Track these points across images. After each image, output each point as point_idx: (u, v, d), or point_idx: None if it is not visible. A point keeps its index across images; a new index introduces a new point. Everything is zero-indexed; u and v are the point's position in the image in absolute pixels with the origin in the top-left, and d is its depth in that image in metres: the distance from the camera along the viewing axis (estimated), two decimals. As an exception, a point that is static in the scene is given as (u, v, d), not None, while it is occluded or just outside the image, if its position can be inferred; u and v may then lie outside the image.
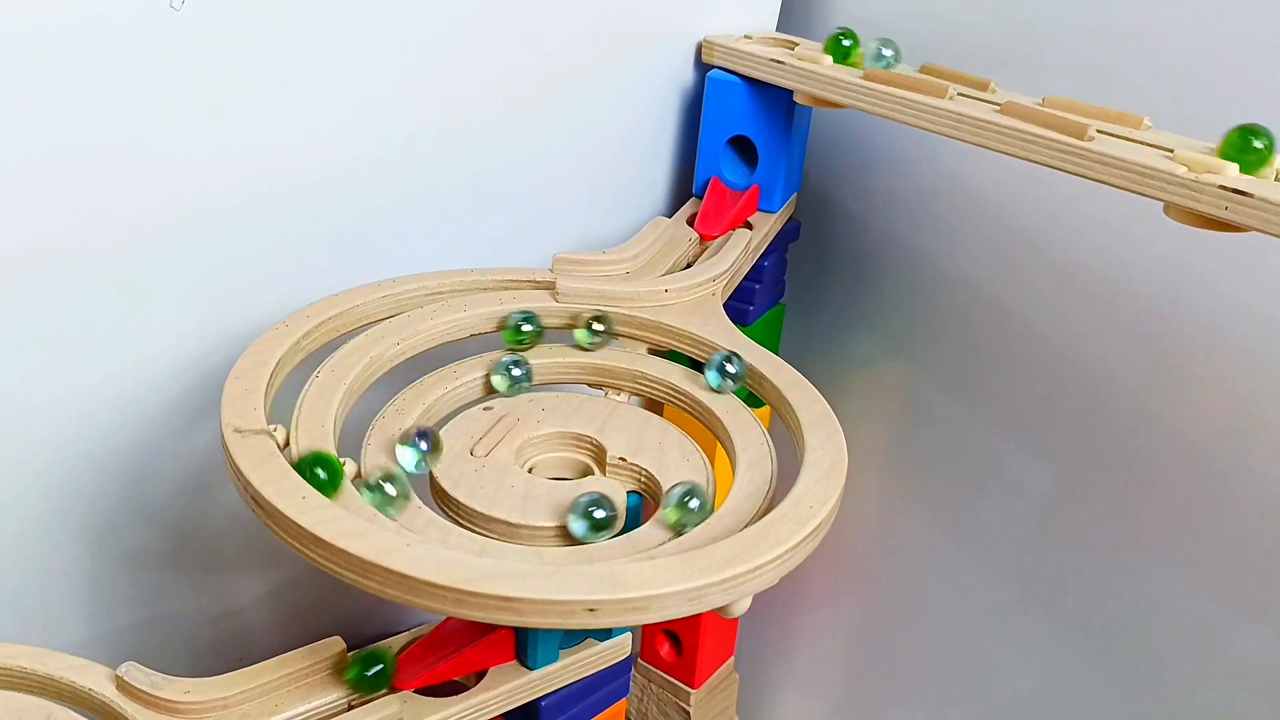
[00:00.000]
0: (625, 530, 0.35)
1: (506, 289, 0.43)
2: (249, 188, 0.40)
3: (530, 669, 0.37)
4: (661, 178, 0.55)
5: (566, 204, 0.51)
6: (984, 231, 0.52)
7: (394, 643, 0.38)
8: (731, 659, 0.64)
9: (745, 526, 0.32)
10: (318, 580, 0.53)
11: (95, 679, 0.35)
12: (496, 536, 0.34)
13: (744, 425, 0.38)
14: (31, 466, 0.40)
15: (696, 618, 0.58)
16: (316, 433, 0.35)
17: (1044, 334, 0.50)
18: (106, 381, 0.41)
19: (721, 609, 0.30)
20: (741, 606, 0.31)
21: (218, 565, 0.49)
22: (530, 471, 0.37)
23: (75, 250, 0.37)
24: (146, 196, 0.38)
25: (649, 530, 0.34)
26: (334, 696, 0.36)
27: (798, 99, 0.47)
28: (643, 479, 0.37)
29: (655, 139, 0.53)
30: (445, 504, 0.35)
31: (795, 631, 0.67)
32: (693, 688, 0.61)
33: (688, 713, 0.61)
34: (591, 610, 0.28)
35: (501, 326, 0.42)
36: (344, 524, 0.29)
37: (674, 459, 0.37)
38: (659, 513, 0.33)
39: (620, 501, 0.34)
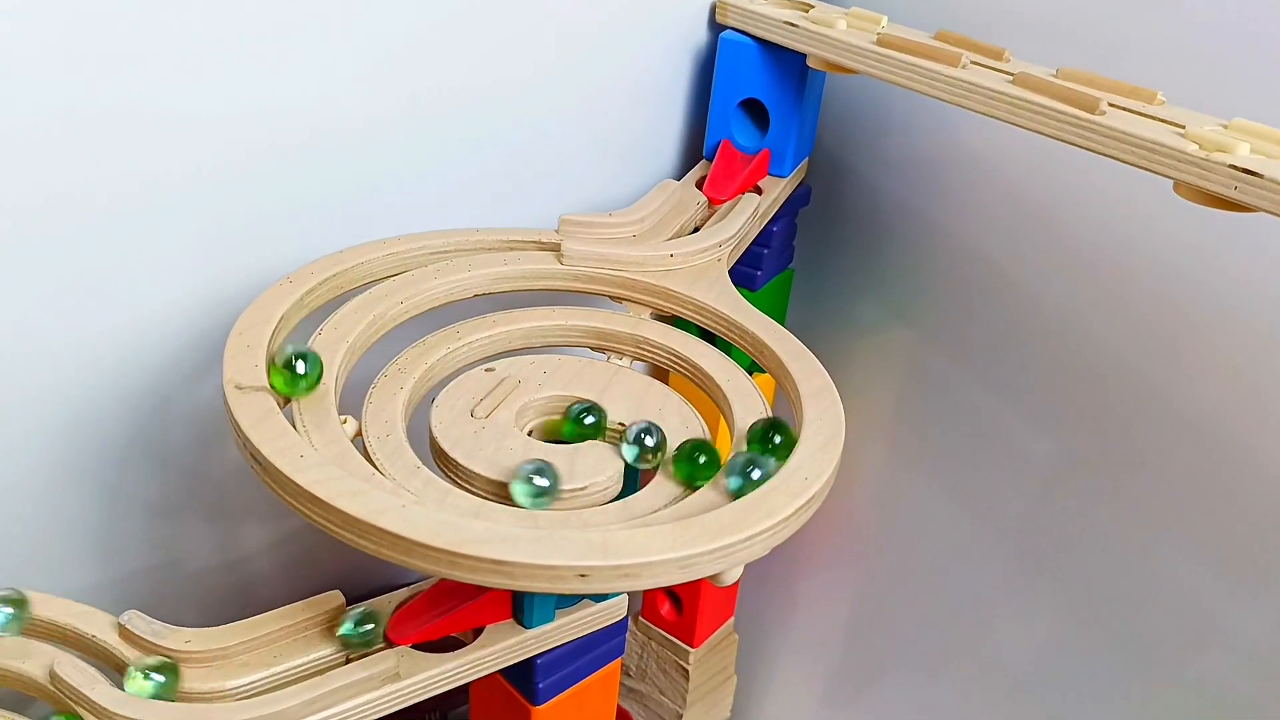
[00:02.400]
0: (622, 495, 0.35)
1: (511, 249, 0.43)
2: (255, 145, 0.40)
3: (526, 628, 0.38)
4: (671, 139, 0.54)
5: (573, 165, 0.51)
6: (994, 202, 0.51)
7: (392, 598, 0.38)
8: (731, 620, 0.64)
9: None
10: (321, 533, 0.53)
11: (98, 626, 0.36)
12: (494, 498, 0.34)
13: (744, 394, 0.38)
14: (41, 413, 0.41)
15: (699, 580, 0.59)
16: (317, 390, 0.35)
17: (1051, 307, 0.50)
18: (115, 332, 0.41)
19: (713, 577, 0.30)
20: (732, 575, 0.31)
21: (224, 515, 0.49)
22: (530, 434, 0.37)
23: (85, 203, 0.38)
24: (154, 152, 0.38)
25: (645, 496, 0.34)
26: (332, 649, 0.36)
27: (811, 63, 0.47)
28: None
29: (666, 100, 0.53)
30: (445, 465, 0.35)
31: (796, 595, 0.67)
32: (692, 647, 0.62)
33: (687, 671, 0.62)
34: (583, 576, 0.28)
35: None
36: (340, 483, 0.30)
37: (674, 425, 0.37)
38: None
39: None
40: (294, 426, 0.33)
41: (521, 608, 0.38)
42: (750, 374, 0.39)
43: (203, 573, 0.50)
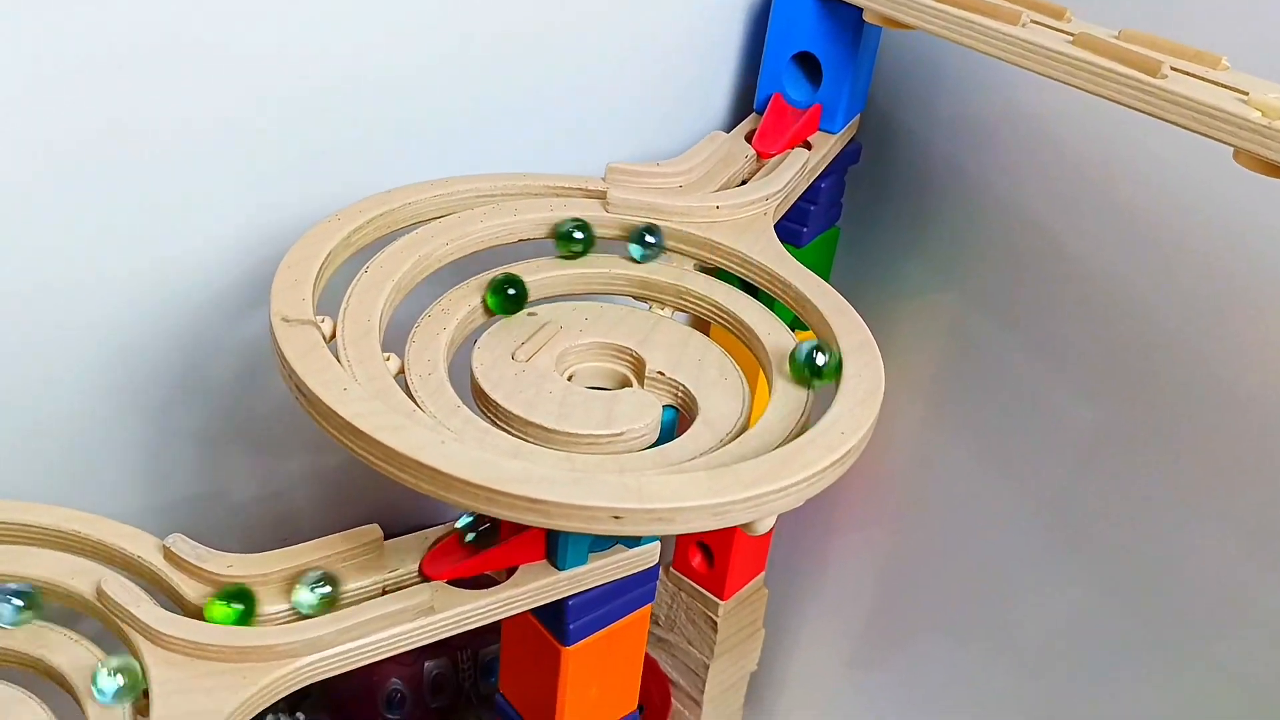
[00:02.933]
0: (658, 444, 0.35)
1: (557, 195, 0.43)
2: (308, 84, 0.40)
3: (559, 569, 0.38)
4: (721, 91, 0.54)
5: (622, 114, 0.50)
6: (1048, 165, 0.50)
7: (428, 535, 0.39)
8: (762, 574, 0.65)
9: (776, 448, 0.33)
10: (361, 468, 0.54)
11: (144, 547, 0.37)
12: (532, 440, 0.34)
13: (786, 349, 0.38)
14: (93, 342, 0.42)
15: (729, 532, 0.59)
16: (363, 327, 0.36)
17: (1099, 274, 0.49)
18: (165, 264, 0.42)
19: (745, 526, 0.31)
20: (765, 525, 0.31)
21: (266, 449, 0.50)
22: (569, 379, 0.38)
23: (140, 136, 0.38)
24: (208, 89, 0.38)
25: (682, 444, 0.34)
26: (369, 581, 0.37)
27: (867, 17, 0.46)
28: (679, 394, 0.37)
29: (717, 51, 0.52)
30: (485, 406, 0.36)
31: (827, 553, 0.67)
32: (722, 599, 0.62)
33: (715, 623, 0.63)
34: (617, 518, 0.29)
35: (553, 234, 0.42)
36: (382, 418, 0.30)
37: (712, 376, 0.37)
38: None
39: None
40: (338, 361, 0.33)
41: (555, 549, 0.38)
42: (792, 330, 0.39)
43: (244, 504, 0.51)
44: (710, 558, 0.61)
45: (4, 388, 0.40)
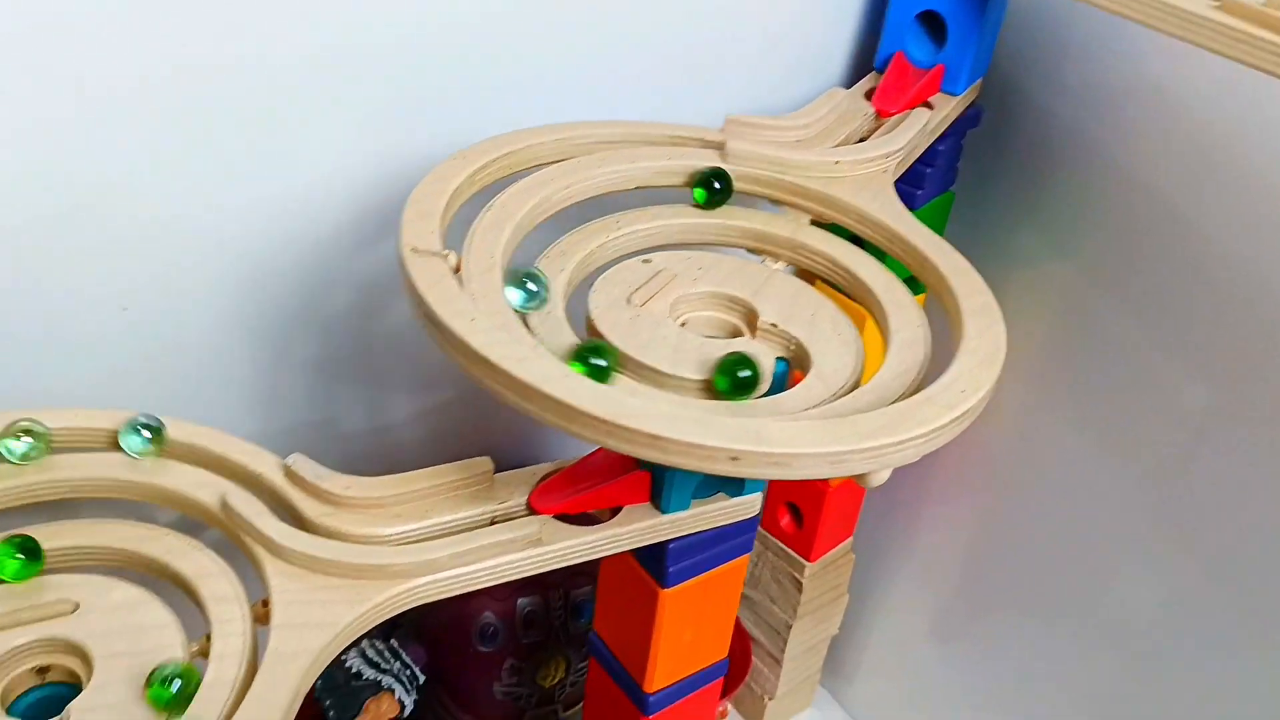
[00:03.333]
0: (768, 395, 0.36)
1: (674, 144, 0.43)
2: (434, 21, 0.41)
3: (662, 512, 0.39)
4: (840, 48, 0.53)
5: (739, 67, 0.50)
6: (1176, 138, 0.49)
7: (536, 470, 0.40)
8: (850, 539, 0.65)
9: (892, 404, 0.32)
10: (467, 407, 0.56)
11: (266, 465, 0.38)
12: (645, 383, 0.35)
13: (902, 306, 0.38)
14: (218, 269, 0.43)
15: (821, 493, 0.59)
16: (485, 263, 0.36)
17: (1222, 252, 0.48)
18: (289, 196, 0.43)
19: (860, 478, 0.31)
20: (880, 478, 0.31)
21: (376, 382, 0.52)
22: (682, 327, 0.38)
23: (268, 67, 0.39)
24: (335, 21, 0.39)
25: (794, 395, 0.34)
26: (479, 511, 0.38)
27: (999, -24, 0.45)
28: (791, 347, 0.37)
29: (839, 7, 0.52)
30: (599, 346, 0.36)
31: (918, 523, 0.67)
32: (808, 561, 0.62)
33: (800, 584, 0.63)
34: (734, 459, 0.29)
35: (691, 182, 0.42)
36: (511, 348, 0.31)
37: (825, 331, 0.37)
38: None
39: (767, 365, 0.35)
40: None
41: (660, 492, 0.39)
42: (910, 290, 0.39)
43: (353, 434, 0.53)
44: (799, 519, 0.62)
45: (146, 309, 0.42)
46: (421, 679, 0.55)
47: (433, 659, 0.56)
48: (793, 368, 0.37)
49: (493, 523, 0.38)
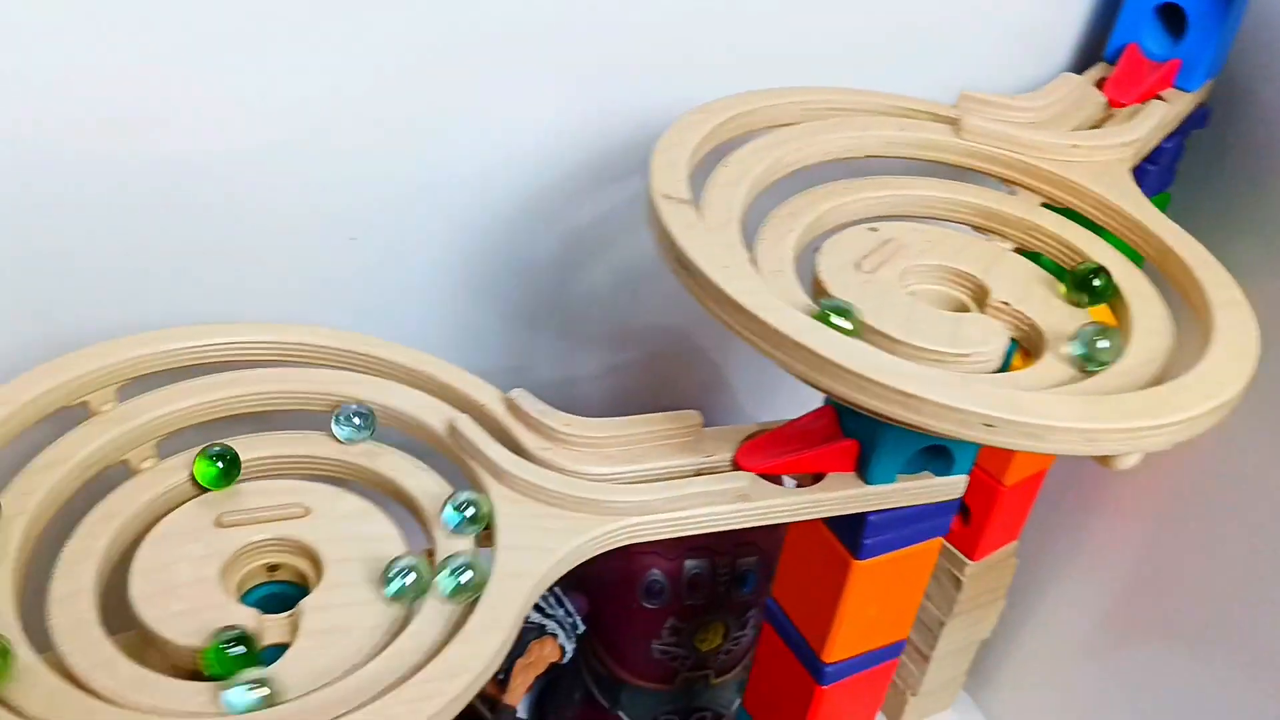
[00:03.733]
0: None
1: (906, 116, 0.43)
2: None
3: (866, 483, 0.39)
4: (1070, 35, 0.52)
5: (969, 45, 0.49)
6: None
7: (740, 430, 0.40)
8: (1014, 543, 0.63)
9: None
10: (648, 370, 0.56)
11: (489, 396, 0.39)
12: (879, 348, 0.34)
13: (1144, 296, 0.37)
14: (437, 213, 0.45)
15: (993, 491, 0.58)
16: (722, 216, 0.37)
17: None
18: (507, 149, 0.44)
19: (1108, 459, 0.30)
20: (1129, 461, 0.30)
21: (569, 334, 0.53)
22: (912, 295, 0.38)
23: (484, 34, 0.40)
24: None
25: (1034, 373, 0.34)
26: (686, 461, 0.39)
27: (1256, -32, 0.43)
28: (1024, 326, 0.37)
29: (1075, -6, 0.50)
30: (831, 309, 0.36)
31: (1086, 533, 0.65)
32: (971, 560, 0.61)
33: (960, 582, 0.62)
34: (989, 425, 0.29)
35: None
36: (764, 298, 0.31)
37: (1060, 315, 0.37)
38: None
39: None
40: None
41: (867, 463, 0.39)
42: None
43: (540, 384, 0.53)
44: (967, 516, 0.60)
45: (371, 241, 0.44)
46: (581, 628, 0.56)
47: (594, 610, 0.57)
48: (1023, 349, 0.37)
49: (698, 474, 0.39)
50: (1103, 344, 0.32)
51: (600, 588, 0.56)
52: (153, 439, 0.37)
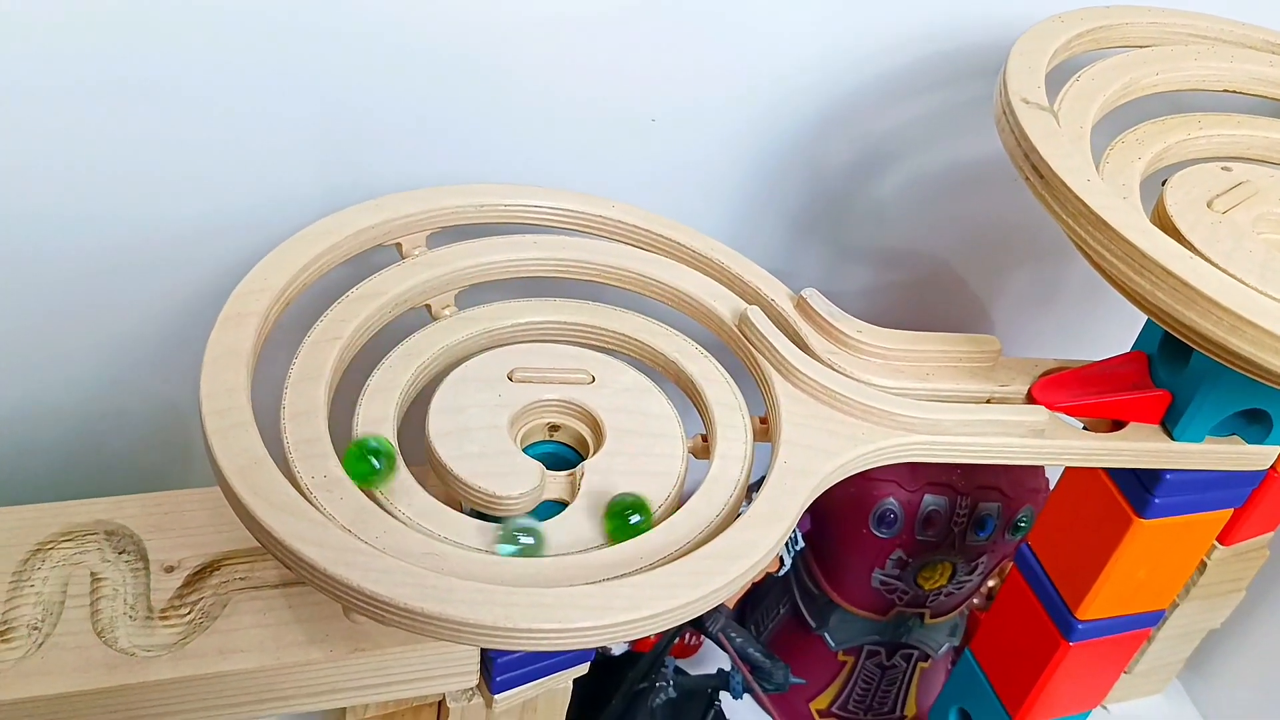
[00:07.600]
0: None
1: (1275, 52, 0.39)
2: None
3: (1173, 439, 0.36)
4: None
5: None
6: None
7: (1040, 364, 0.38)
8: (1270, 535, 0.59)
9: None
10: (911, 294, 0.54)
11: (779, 293, 0.39)
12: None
13: None
14: (733, 100, 0.44)
15: (1267, 476, 0.54)
16: (1075, 130, 0.34)
17: None
18: (814, 46, 0.43)
19: None
20: None
21: (841, 245, 0.52)
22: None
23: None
24: None
25: None
26: (978, 387, 0.37)
27: None
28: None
29: None
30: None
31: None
32: (1222, 544, 0.57)
33: (1204, 564, 0.58)
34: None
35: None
36: (1132, 217, 0.29)
37: None
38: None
39: None
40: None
41: (1178, 417, 0.36)
42: None
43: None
44: (1228, 496, 0.56)
45: (670, 122, 0.43)
46: (800, 545, 0.56)
47: (816, 529, 0.56)
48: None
49: (988, 402, 0.37)
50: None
51: (829, 508, 0.55)
52: (456, 288, 0.38)
